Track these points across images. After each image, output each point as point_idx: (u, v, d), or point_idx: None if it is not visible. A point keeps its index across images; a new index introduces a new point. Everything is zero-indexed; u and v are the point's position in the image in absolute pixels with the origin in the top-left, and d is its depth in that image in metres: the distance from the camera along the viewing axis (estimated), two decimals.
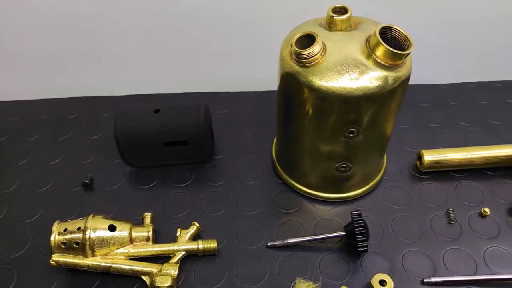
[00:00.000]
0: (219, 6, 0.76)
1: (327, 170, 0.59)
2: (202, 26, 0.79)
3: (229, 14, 0.77)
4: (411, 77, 0.85)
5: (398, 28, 0.50)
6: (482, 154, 0.64)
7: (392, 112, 0.54)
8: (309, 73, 0.50)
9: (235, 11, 0.77)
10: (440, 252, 0.57)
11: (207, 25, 0.79)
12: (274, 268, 0.56)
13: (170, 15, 0.77)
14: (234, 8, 0.76)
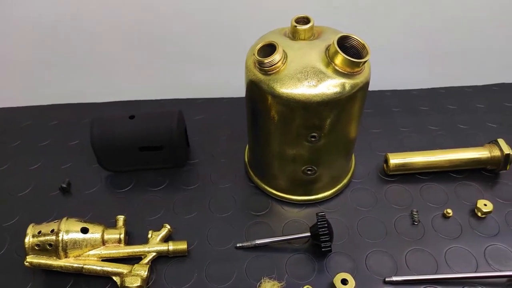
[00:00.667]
0: (195, 14, 0.78)
1: (294, 173, 0.61)
2: (179, 34, 0.81)
3: (204, 22, 0.80)
4: (383, 82, 0.89)
5: (356, 37, 0.53)
6: (446, 157, 0.67)
7: (353, 117, 0.57)
8: (270, 80, 0.52)
9: (210, 19, 0.79)
10: (403, 252, 0.59)
11: (183, 33, 0.81)
12: (242, 268, 0.58)
13: (148, 23, 0.79)
14: (210, 16, 0.79)
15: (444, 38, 0.85)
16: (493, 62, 0.89)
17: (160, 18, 0.79)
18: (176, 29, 0.81)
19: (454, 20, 0.82)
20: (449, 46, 0.86)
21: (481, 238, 0.60)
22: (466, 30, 0.84)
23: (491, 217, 0.63)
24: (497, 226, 0.62)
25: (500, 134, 0.75)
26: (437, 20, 0.82)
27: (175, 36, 0.82)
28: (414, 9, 0.80)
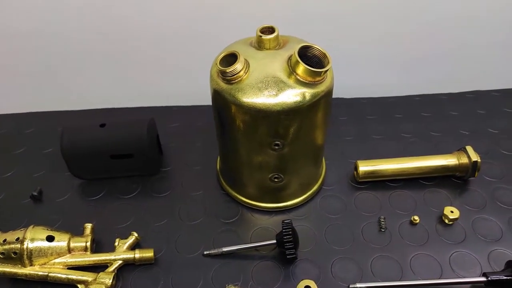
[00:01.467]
0: (169, 22, 0.79)
1: (262, 181, 0.62)
2: (155, 42, 0.82)
3: (179, 30, 0.80)
4: (360, 90, 0.89)
5: (317, 47, 0.54)
6: (415, 164, 0.67)
7: (317, 125, 0.57)
8: (232, 90, 0.53)
9: (185, 26, 0.80)
10: (368, 259, 0.59)
11: (160, 41, 0.82)
12: (208, 276, 0.58)
13: (122, 31, 0.80)
14: (184, 24, 0.79)
15: (421, 46, 0.86)
16: (468, 69, 0.90)
17: (134, 26, 0.80)
18: (152, 37, 0.82)
19: (430, 27, 0.83)
20: (426, 53, 0.87)
21: (447, 245, 0.61)
22: (443, 38, 0.85)
23: (458, 223, 0.63)
24: (464, 232, 0.62)
25: (472, 141, 0.76)
26: (414, 28, 0.83)
27: (151, 44, 0.83)
28: (390, 17, 0.81)
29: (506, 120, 0.81)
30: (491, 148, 0.75)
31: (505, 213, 0.64)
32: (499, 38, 0.86)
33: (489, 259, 0.59)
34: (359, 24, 0.82)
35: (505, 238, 0.61)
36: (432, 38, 0.85)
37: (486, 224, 0.63)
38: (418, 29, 0.83)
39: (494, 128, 0.79)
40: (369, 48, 0.86)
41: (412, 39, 0.85)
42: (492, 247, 0.60)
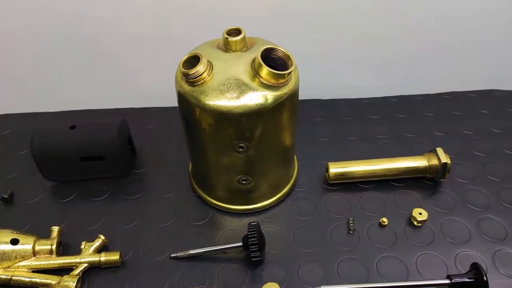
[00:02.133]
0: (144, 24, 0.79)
1: (230, 183, 0.62)
2: (132, 44, 0.82)
3: (155, 33, 0.80)
4: (335, 91, 0.89)
5: (281, 49, 0.54)
6: (385, 166, 0.67)
7: (282, 127, 0.57)
8: (195, 92, 0.53)
9: (161, 29, 0.80)
10: (335, 261, 0.59)
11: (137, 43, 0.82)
12: (174, 279, 0.58)
13: (99, 33, 0.80)
14: (160, 26, 0.79)
15: (398, 47, 0.86)
16: (445, 70, 0.90)
17: (109, 28, 0.80)
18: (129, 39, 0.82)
19: (407, 29, 0.83)
20: (404, 54, 0.87)
21: (414, 247, 0.61)
22: (419, 39, 0.85)
23: (427, 225, 0.63)
24: (432, 234, 0.62)
25: (445, 143, 0.76)
26: (391, 29, 0.83)
27: (129, 45, 0.83)
28: (367, 18, 0.81)
29: (481, 121, 0.81)
30: (464, 149, 0.75)
31: (474, 215, 0.64)
32: (476, 39, 0.86)
33: (456, 261, 0.59)
34: (335, 26, 0.82)
35: (473, 240, 0.61)
36: (409, 40, 0.85)
37: (455, 226, 0.63)
38: (396, 30, 0.83)
39: (468, 130, 0.79)
40: (346, 50, 0.86)
41: (389, 40, 0.85)
42: (460, 249, 0.60)
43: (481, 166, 0.72)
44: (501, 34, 0.85)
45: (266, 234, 0.62)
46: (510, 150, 0.75)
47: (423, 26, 0.83)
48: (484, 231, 0.62)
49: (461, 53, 0.88)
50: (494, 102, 0.86)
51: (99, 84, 0.89)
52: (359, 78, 0.89)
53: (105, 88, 0.90)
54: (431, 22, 0.83)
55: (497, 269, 0.58)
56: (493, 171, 0.71)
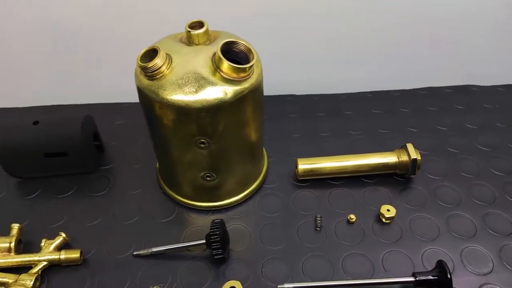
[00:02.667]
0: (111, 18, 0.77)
1: (194, 179, 0.60)
2: (102, 39, 0.80)
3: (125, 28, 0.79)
4: (310, 86, 0.88)
5: (242, 42, 0.52)
6: (354, 162, 0.66)
7: (246, 122, 0.56)
8: (153, 86, 0.51)
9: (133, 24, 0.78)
10: (301, 259, 0.58)
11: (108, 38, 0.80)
12: (135, 277, 0.56)
13: (65, 27, 0.78)
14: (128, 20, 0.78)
15: (374, 43, 0.85)
16: (422, 66, 0.89)
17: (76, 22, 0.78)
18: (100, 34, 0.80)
19: (382, 24, 0.82)
20: (380, 50, 0.86)
21: (381, 244, 0.60)
22: (395, 35, 0.84)
23: (396, 222, 0.62)
24: (400, 231, 0.61)
25: (419, 139, 0.76)
26: (366, 25, 0.82)
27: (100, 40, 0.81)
28: (342, 14, 0.80)
29: (456, 116, 0.80)
30: (438, 145, 0.75)
31: (444, 212, 0.64)
32: (455, 35, 0.85)
33: (423, 259, 0.58)
34: (310, 22, 0.81)
35: (442, 237, 0.60)
36: (386, 35, 0.84)
37: (424, 222, 0.62)
38: (372, 26, 0.82)
39: (443, 125, 0.79)
40: (322, 46, 0.84)
41: (366, 36, 0.84)
42: (428, 246, 0.59)
43: (454, 162, 0.71)
44: (479, 29, 0.84)
45: (232, 231, 0.61)
46: (484, 146, 0.74)
47: (401, 22, 0.82)
48: (453, 228, 0.61)
49: (439, 49, 0.87)
50: (471, 98, 0.86)
51: (71, 80, 0.87)
52: (335, 73, 0.88)
53: (76, 83, 0.88)
54: (408, 18, 0.82)
55: (465, 266, 0.57)
56: (466, 167, 0.71)
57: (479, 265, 0.57)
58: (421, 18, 0.81)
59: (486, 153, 0.73)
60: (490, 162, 0.71)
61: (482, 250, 0.59)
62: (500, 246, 0.59)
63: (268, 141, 0.76)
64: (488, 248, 0.59)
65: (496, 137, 0.76)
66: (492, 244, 0.59)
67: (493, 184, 0.67)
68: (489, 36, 0.85)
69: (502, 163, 0.71)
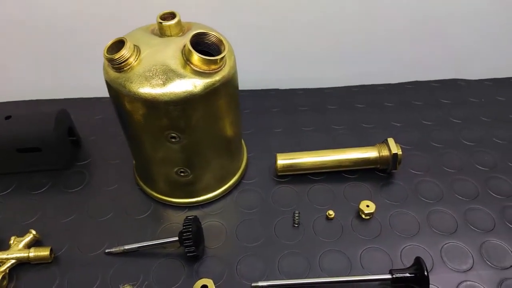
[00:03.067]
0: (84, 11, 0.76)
1: (168, 175, 0.59)
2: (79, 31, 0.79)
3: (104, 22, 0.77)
4: (295, 81, 0.87)
5: (213, 33, 0.51)
6: (334, 157, 0.65)
7: (219, 116, 0.54)
8: (120, 78, 0.50)
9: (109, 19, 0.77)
10: (277, 256, 0.57)
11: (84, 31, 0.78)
12: (107, 275, 0.55)
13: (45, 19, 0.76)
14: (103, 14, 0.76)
15: (360, 37, 0.83)
16: (409, 60, 0.87)
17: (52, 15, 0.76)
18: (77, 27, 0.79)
19: (369, 18, 0.80)
20: (366, 44, 0.84)
21: (360, 241, 0.58)
22: (382, 28, 0.82)
23: (376, 218, 0.61)
24: (379, 227, 0.60)
25: (402, 133, 0.74)
26: (352, 18, 0.80)
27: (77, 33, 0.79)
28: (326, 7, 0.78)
29: (441, 111, 0.79)
30: (421, 140, 0.73)
31: (425, 208, 0.62)
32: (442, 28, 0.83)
33: (402, 255, 0.57)
34: (295, 15, 0.79)
35: (422, 233, 0.59)
36: (372, 29, 0.82)
37: (404, 218, 0.61)
38: (359, 19, 0.80)
39: (427, 120, 0.77)
40: (307, 39, 0.82)
41: (351, 30, 0.82)
42: (407, 243, 0.58)
43: (437, 157, 0.70)
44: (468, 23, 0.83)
45: (208, 228, 0.60)
46: (468, 141, 0.73)
47: (387, 15, 0.80)
48: (433, 224, 0.60)
49: (427, 43, 0.85)
50: (458, 92, 0.84)
51: (48, 74, 0.85)
52: (320, 68, 0.86)
53: (53, 77, 0.86)
54: (395, 11, 0.80)
55: (444, 263, 0.56)
56: (449, 162, 0.69)
57: (459, 261, 0.56)
58: (409, 11, 0.80)
59: (470, 148, 0.71)
60: (474, 157, 0.69)
61: (462, 246, 0.57)
62: (481, 242, 0.58)
63: (249, 136, 0.74)
64: (469, 244, 0.57)
65: (480, 132, 0.74)
66: (473, 240, 0.58)
67: (476, 179, 0.66)
68: (477, 29, 0.84)
69: (485, 158, 0.69)
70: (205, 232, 0.59)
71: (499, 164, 0.68)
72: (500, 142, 0.73)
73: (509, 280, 0.53)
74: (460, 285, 0.53)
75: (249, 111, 0.80)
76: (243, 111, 0.80)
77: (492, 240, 0.58)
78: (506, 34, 0.84)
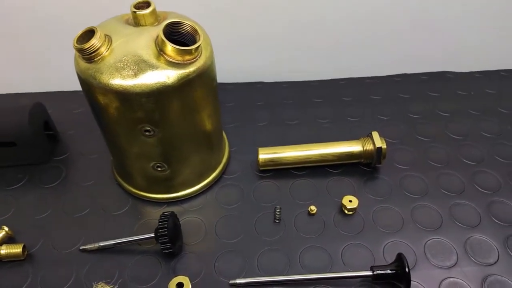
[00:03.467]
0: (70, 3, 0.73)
1: (145, 170, 0.57)
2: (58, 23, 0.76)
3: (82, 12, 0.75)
4: (276, 75, 0.85)
5: (188, 22, 0.49)
6: (318, 151, 0.63)
7: (196, 109, 0.53)
8: (90, 69, 0.48)
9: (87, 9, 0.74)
10: (257, 253, 0.55)
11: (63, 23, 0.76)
12: (81, 273, 0.53)
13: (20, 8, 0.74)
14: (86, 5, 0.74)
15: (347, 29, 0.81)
16: (397, 52, 0.85)
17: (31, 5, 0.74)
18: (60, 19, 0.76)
19: (356, 10, 0.78)
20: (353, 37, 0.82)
21: (342, 237, 0.57)
22: (369, 20, 0.80)
23: (359, 214, 0.60)
24: (362, 223, 0.58)
25: (388, 127, 0.73)
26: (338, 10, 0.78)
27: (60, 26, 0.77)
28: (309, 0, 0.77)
29: (429, 104, 0.77)
30: (407, 133, 0.72)
31: (409, 203, 0.61)
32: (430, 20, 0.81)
33: (384, 251, 0.55)
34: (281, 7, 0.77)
35: (405, 228, 0.58)
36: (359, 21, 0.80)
37: (388, 214, 0.60)
38: (345, 11, 0.78)
39: (414, 113, 0.75)
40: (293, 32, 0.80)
41: (338, 22, 0.80)
42: (390, 239, 0.56)
43: (423, 151, 0.68)
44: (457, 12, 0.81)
45: (186, 224, 0.58)
46: (455, 134, 0.71)
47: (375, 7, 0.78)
48: (418, 220, 0.59)
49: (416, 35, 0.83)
50: (446, 84, 0.82)
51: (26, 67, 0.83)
52: (307, 61, 0.84)
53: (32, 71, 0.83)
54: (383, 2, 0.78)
55: (428, 259, 0.54)
56: (435, 156, 0.68)
57: (443, 258, 0.54)
58: (397, 3, 0.78)
59: (457, 142, 0.70)
60: (461, 151, 0.68)
61: (446, 242, 0.56)
62: (466, 238, 0.56)
63: (232, 130, 0.72)
64: (453, 240, 0.56)
65: (468, 125, 0.73)
66: (457, 236, 0.57)
67: (462, 173, 0.64)
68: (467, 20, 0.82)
69: (473, 152, 0.68)
70: (184, 228, 0.57)
71: (486, 158, 0.67)
72: (488, 135, 0.71)
73: (493, 276, 0.52)
74: (443, 282, 0.52)
75: (233, 104, 0.78)
76: (226, 105, 0.78)
77: (477, 235, 0.57)
78: (496, 25, 0.82)
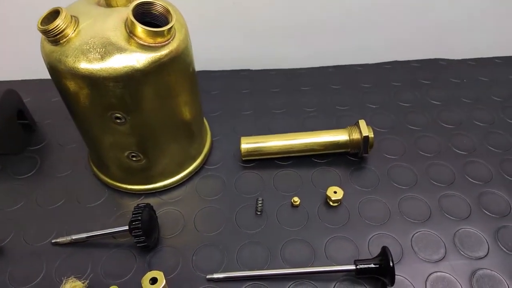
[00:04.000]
0: None
1: (120, 160, 0.55)
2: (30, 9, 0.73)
3: None
4: (266, 62, 0.82)
5: (159, 3, 0.46)
6: (302, 141, 0.61)
7: (171, 95, 0.50)
8: (56, 52, 0.45)
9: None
10: (236, 246, 0.53)
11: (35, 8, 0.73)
12: (52, 267, 0.51)
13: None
14: None
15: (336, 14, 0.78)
16: (387, 39, 0.82)
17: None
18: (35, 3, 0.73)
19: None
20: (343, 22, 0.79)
21: (326, 229, 0.54)
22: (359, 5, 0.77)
23: (344, 205, 0.57)
24: (347, 215, 0.56)
25: (378, 116, 0.70)
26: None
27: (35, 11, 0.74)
28: None
29: (420, 92, 0.75)
30: (397, 122, 0.69)
31: (397, 194, 0.58)
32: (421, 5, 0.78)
33: (369, 244, 0.53)
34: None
35: (392, 221, 0.55)
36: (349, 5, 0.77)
37: (374, 205, 0.57)
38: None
39: (405, 101, 0.73)
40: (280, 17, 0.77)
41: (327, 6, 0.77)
42: (376, 231, 0.54)
43: (413, 140, 0.66)
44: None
45: (164, 216, 0.56)
46: (447, 123, 0.69)
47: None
48: (405, 212, 0.56)
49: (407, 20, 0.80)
50: (438, 72, 0.80)
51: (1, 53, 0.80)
52: (295, 47, 0.81)
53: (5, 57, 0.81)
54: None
55: (415, 252, 0.52)
56: (425, 146, 0.65)
57: (431, 251, 0.52)
58: None
59: (449, 131, 0.67)
60: (452, 140, 0.65)
61: (435, 235, 0.54)
62: (455, 230, 0.54)
63: (215, 119, 0.70)
64: (442, 233, 0.54)
65: (460, 114, 0.70)
66: (446, 228, 0.54)
67: (453, 163, 0.62)
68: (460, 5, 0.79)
69: (464, 141, 0.65)
70: (161, 221, 0.55)
71: (478, 147, 0.65)
72: (480, 124, 0.69)
73: (482, 270, 0.50)
74: (430, 276, 0.50)
75: (217, 92, 0.76)
76: (211, 92, 0.75)
77: (467, 228, 0.54)
78: (490, 11, 0.79)
